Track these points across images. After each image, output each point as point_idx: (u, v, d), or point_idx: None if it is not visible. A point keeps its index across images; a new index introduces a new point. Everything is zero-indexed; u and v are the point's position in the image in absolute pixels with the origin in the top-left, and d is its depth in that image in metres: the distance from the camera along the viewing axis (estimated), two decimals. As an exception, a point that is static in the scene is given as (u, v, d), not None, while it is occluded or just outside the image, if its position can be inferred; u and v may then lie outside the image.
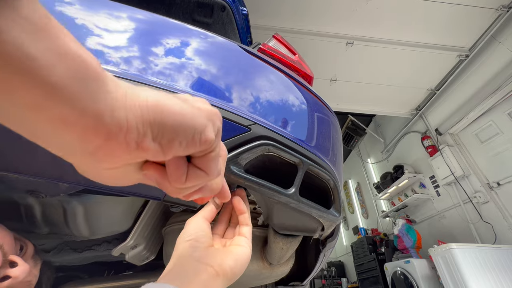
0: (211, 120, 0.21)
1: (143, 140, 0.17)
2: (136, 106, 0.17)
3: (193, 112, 0.20)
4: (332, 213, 0.56)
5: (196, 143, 0.20)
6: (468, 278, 2.25)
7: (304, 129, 0.56)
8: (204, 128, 0.20)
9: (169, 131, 0.18)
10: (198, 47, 0.54)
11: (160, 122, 0.17)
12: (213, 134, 0.21)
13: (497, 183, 2.92)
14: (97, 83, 0.15)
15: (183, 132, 0.19)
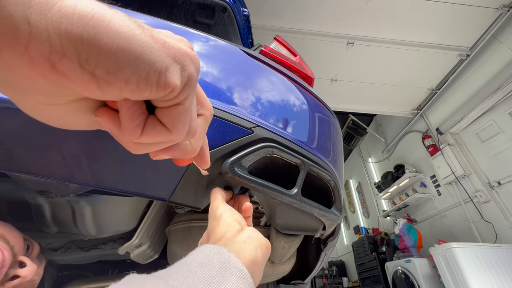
0: (179, 62, 0.16)
1: (60, 60, 0.12)
2: (55, 8, 0.12)
3: (152, 45, 0.15)
4: (333, 212, 0.58)
5: (152, 86, 0.15)
6: (469, 277, 2.26)
7: (305, 131, 0.57)
8: (166, 69, 0.15)
9: (107, 57, 0.13)
10: (200, 51, 0.55)
11: (92, 41, 0.12)
12: (178, 79, 0.16)
13: (498, 183, 2.93)
14: None
15: (130, 64, 0.14)
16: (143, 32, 0.15)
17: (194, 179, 0.47)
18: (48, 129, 0.40)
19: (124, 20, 0.14)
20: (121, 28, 0.14)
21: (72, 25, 0.12)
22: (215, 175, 0.49)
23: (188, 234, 0.77)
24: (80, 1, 0.13)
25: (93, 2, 0.14)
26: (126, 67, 0.14)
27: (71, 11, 0.12)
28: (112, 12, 0.14)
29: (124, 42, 0.14)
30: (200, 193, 0.50)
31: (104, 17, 0.13)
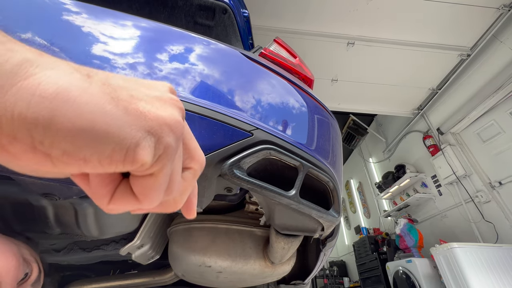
0: (154, 134, 0.15)
1: (11, 142, 0.12)
2: (12, 90, 0.11)
3: (121, 119, 0.14)
4: (332, 213, 0.58)
5: (117, 163, 0.14)
6: (470, 277, 2.26)
7: (304, 133, 0.58)
8: (136, 145, 0.14)
9: (64, 140, 0.12)
10: (200, 54, 0.56)
11: (48, 125, 0.12)
12: (149, 154, 0.14)
13: (499, 183, 2.92)
14: None
15: (91, 146, 0.13)
16: (115, 105, 0.14)
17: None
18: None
19: (94, 96, 0.13)
20: (88, 107, 0.13)
21: (28, 109, 0.11)
22: (215, 176, 0.50)
23: (189, 235, 0.78)
24: (47, 78, 0.12)
25: (64, 74, 0.13)
26: (85, 148, 0.13)
27: (31, 92, 0.12)
28: (82, 86, 0.13)
29: (88, 123, 0.13)
30: (200, 194, 0.51)
31: (69, 95, 0.12)
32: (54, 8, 0.50)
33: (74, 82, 0.13)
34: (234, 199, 0.71)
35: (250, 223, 0.84)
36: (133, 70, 0.47)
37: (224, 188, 0.56)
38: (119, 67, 0.47)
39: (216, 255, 0.76)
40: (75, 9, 0.51)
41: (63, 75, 0.13)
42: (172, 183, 0.18)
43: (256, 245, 0.81)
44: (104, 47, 0.49)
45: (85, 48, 0.47)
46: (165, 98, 0.17)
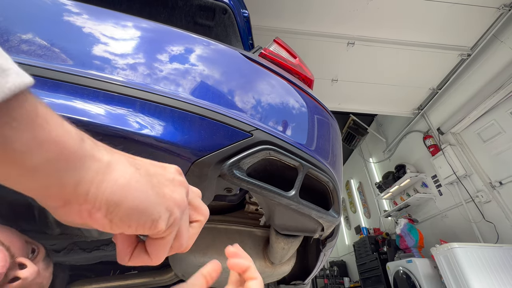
0: (170, 211, 0.22)
1: (95, 212, 0.19)
2: (104, 184, 0.19)
3: (154, 201, 0.21)
4: (331, 214, 0.58)
5: (145, 228, 0.21)
6: (470, 277, 2.26)
7: (304, 133, 0.58)
8: (158, 218, 0.21)
9: (124, 213, 0.19)
10: (200, 55, 0.56)
11: (117, 204, 0.19)
12: (165, 224, 0.22)
13: (499, 182, 2.92)
14: (66, 163, 0.17)
15: (136, 217, 0.20)
16: (152, 189, 0.21)
17: (194, 182, 0.48)
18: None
19: (143, 185, 0.21)
20: (140, 193, 0.20)
21: (110, 194, 0.19)
22: (215, 177, 0.50)
23: (189, 235, 0.78)
24: (119, 173, 0.20)
25: (126, 169, 0.20)
26: (133, 218, 0.20)
27: (113, 183, 0.19)
28: (136, 178, 0.21)
29: (139, 203, 0.20)
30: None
31: (131, 186, 0.20)
32: (55, 9, 0.50)
33: (133, 176, 0.20)
34: (234, 200, 0.71)
35: (250, 223, 0.84)
36: (133, 71, 0.47)
37: (224, 189, 0.56)
38: (120, 68, 0.47)
39: (216, 255, 0.76)
40: (75, 10, 0.51)
41: (126, 170, 0.20)
42: (181, 236, 0.25)
43: (256, 245, 0.81)
44: (105, 47, 0.49)
45: (86, 48, 0.47)
46: (176, 181, 0.24)
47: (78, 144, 0.18)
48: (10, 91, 0.14)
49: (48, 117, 0.17)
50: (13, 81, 0.15)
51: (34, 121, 0.16)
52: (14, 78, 0.15)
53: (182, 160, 0.45)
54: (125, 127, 0.42)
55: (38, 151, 0.16)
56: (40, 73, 0.42)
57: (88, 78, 0.43)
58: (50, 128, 0.17)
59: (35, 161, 0.16)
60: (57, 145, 0.17)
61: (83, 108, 0.42)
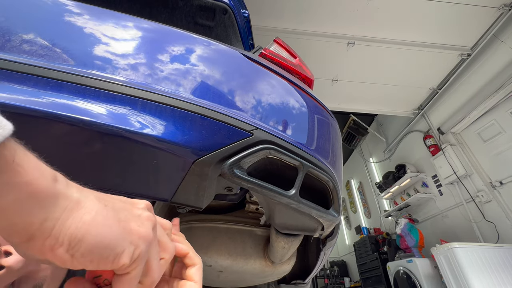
0: (135, 245, 0.22)
1: (58, 248, 0.19)
2: (69, 220, 0.19)
3: (119, 236, 0.21)
4: (331, 213, 0.59)
5: (108, 263, 0.21)
6: (471, 277, 2.26)
7: (304, 133, 0.59)
8: (122, 252, 0.21)
9: (86, 249, 0.20)
10: (201, 55, 0.56)
11: (80, 239, 0.19)
12: (129, 258, 0.22)
13: (500, 182, 2.92)
14: (37, 202, 0.18)
15: (98, 252, 0.20)
16: (117, 224, 0.22)
17: (195, 181, 0.48)
18: (53, 135, 0.42)
19: (109, 219, 0.21)
20: (105, 228, 0.21)
21: (76, 230, 0.19)
22: (215, 176, 0.50)
23: (190, 234, 0.78)
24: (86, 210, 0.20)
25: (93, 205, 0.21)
26: (95, 253, 0.20)
27: (79, 220, 0.20)
28: (103, 214, 0.21)
29: (102, 238, 0.20)
30: (201, 194, 0.51)
31: (97, 222, 0.20)
32: (56, 9, 0.50)
33: (99, 211, 0.21)
34: (235, 199, 0.72)
35: (250, 222, 0.84)
36: (135, 70, 0.48)
37: (225, 188, 0.56)
38: (121, 68, 0.47)
39: (217, 255, 0.76)
40: (77, 10, 0.52)
41: (94, 206, 0.21)
42: (151, 270, 0.25)
43: (256, 245, 0.81)
44: (106, 48, 0.49)
45: (88, 49, 0.48)
46: (143, 216, 0.25)
47: (50, 184, 0.19)
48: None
49: (24, 162, 0.19)
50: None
51: (10, 166, 0.18)
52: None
53: (183, 159, 0.45)
54: (126, 126, 0.42)
55: (8, 193, 0.17)
56: (42, 73, 0.42)
57: (90, 78, 0.44)
58: (24, 172, 0.18)
59: (5, 201, 0.17)
60: (28, 187, 0.18)
61: (85, 107, 0.42)
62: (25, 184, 0.18)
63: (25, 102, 0.40)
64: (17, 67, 0.41)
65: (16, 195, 0.18)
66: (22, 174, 0.18)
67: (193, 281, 0.32)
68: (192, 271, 0.32)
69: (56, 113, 0.40)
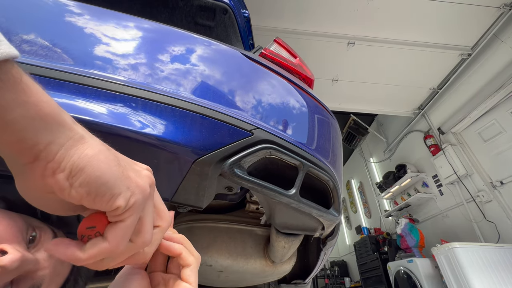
0: (132, 191, 0.22)
1: (59, 173, 0.20)
2: (73, 149, 0.20)
3: (117, 177, 0.22)
4: (332, 213, 0.59)
5: (103, 203, 0.21)
6: (471, 277, 2.26)
7: (304, 132, 0.59)
8: (118, 194, 0.21)
9: (85, 179, 0.20)
10: (201, 55, 0.56)
11: (81, 168, 0.20)
12: (124, 201, 0.22)
13: (500, 182, 2.92)
14: (44, 123, 0.19)
15: (96, 186, 0.20)
16: (118, 167, 0.22)
17: (196, 180, 0.48)
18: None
19: (110, 160, 0.22)
20: (104, 165, 0.21)
21: (79, 160, 0.20)
22: (215, 176, 0.50)
23: (191, 234, 0.78)
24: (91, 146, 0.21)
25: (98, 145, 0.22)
26: (93, 186, 0.20)
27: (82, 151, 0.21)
28: (105, 153, 0.22)
29: (101, 173, 0.21)
30: (201, 193, 0.51)
31: (98, 157, 0.21)
32: (57, 9, 0.50)
33: (102, 150, 0.22)
34: (235, 199, 0.72)
35: (250, 222, 0.84)
36: (135, 70, 0.48)
37: (225, 187, 0.56)
38: (122, 68, 0.47)
39: (217, 254, 0.76)
40: (77, 10, 0.52)
41: (97, 144, 0.22)
42: (144, 228, 0.25)
43: (256, 244, 0.81)
44: (107, 47, 0.49)
45: (88, 49, 0.48)
46: (143, 173, 0.26)
47: (56, 112, 0.20)
48: (1, 56, 0.17)
49: (31, 84, 0.19)
50: (3, 49, 0.17)
51: (18, 85, 0.18)
52: (5, 48, 0.17)
53: (183, 159, 0.45)
54: (127, 126, 0.42)
55: (18, 108, 0.18)
56: (43, 73, 0.42)
57: (91, 78, 0.44)
58: (31, 93, 0.19)
59: (14, 116, 0.18)
60: (36, 107, 0.19)
61: (86, 107, 0.42)
62: (33, 103, 0.19)
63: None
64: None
65: (24, 112, 0.18)
66: (29, 94, 0.19)
67: (188, 282, 0.31)
68: (187, 273, 0.32)
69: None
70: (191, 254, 0.33)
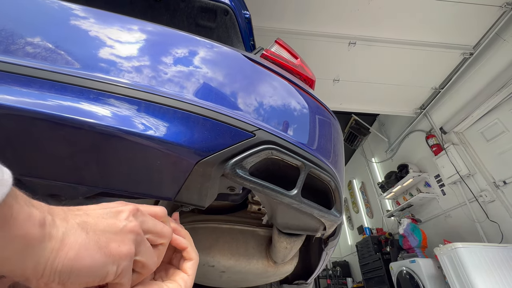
0: (117, 264, 0.26)
1: (50, 283, 0.23)
2: (56, 260, 0.23)
3: (101, 263, 0.25)
4: (333, 213, 0.59)
5: (96, 283, 0.25)
6: (474, 277, 2.24)
7: (305, 133, 0.59)
8: (106, 274, 0.25)
9: (74, 279, 0.23)
10: (204, 57, 0.57)
11: (68, 273, 0.23)
12: (113, 276, 0.26)
13: (503, 182, 2.90)
14: (31, 250, 0.22)
15: (85, 279, 0.24)
16: (99, 252, 0.25)
17: (198, 181, 0.49)
18: (59, 137, 0.43)
19: (91, 250, 0.24)
20: (88, 259, 0.24)
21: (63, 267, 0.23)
22: (218, 176, 0.50)
23: (193, 234, 0.79)
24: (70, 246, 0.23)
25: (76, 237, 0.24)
26: (83, 280, 0.24)
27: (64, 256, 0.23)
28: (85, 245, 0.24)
29: (86, 268, 0.24)
30: (204, 193, 0.52)
31: (80, 255, 0.23)
32: (61, 13, 0.51)
33: (82, 244, 0.24)
34: (237, 199, 0.72)
35: (252, 223, 0.85)
36: (139, 73, 0.48)
37: (227, 187, 0.57)
38: (125, 70, 0.48)
39: (220, 255, 0.77)
40: (82, 14, 0.52)
41: (77, 239, 0.24)
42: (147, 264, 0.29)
43: (258, 245, 0.81)
44: (110, 50, 0.50)
45: (92, 51, 0.48)
46: (126, 229, 0.28)
47: (40, 231, 0.22)
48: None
49: (20, 215, 0.21)
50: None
51: (7, 222, 0.20)
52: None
53: (186, 160, 0.46)
54: (131, 128, 0.43)
55: (8, 245, 0.20)
56: (48, 76, 0.43)
57: (95, 81, 0.45)
58: (19, 225, 0.21)
59: (4, 254, 0.20)
60: (23, 239, 0.21)
61: (90, 110, 0.43)
62: (22, 237, 0.21)
63: (31, 105, 0.41)
64: (24, 71, 0.42)
65: (16, 246, 0.21)
66: (18, 227, 0.21)
67: (187, 273, 0.35)
68: (188, 265, 0.36)
69: (62, 116, 0.41)
70: (194, 250, 0.38)
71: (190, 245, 0.38)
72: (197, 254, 0.38)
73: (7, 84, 0.41)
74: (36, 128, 0.42)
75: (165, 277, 0.36)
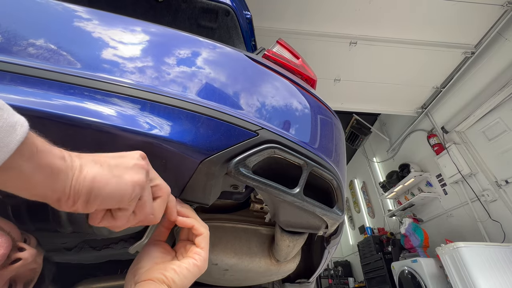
0: (131, 190, 0.31)
1: (77, 200, 0.28)
2: (78, 182, 0.28)
3: (115, 187, 0.30)
4: (335, 211, 0.59)
5: (113, 205, 0.31)
6: (477, 277, 2.24)
7: (308, 132, 0.59)
8: (121, 197, 0.31)
9: (94, 197, 0.29)
10: (207, 58, 0.57)
11: (89, 192, 0.28)
12: (127, 200, 0.31)
13: (506, 181, 2.89)
14: (56, 177, 0.27)
15: (103, 199, 0.29)
16: (113, 178, 0.30)
17: (202, 179, 0.50)
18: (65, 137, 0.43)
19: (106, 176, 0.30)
20: (102, 183, 0.29)
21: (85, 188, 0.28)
22: (222, 174, 0.51)
23: (196, 233, 0.79)
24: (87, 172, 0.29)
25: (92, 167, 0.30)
26: (100, 199, 0.29)
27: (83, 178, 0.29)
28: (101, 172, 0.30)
29: (102, 189, 0.29)
30: (208, 191, 0.53)
31: (96, 179, 0.29)
32: (66, 15, 0.52)
33: (98, 171, 0.30)
34: (240, 198, 0.73)
35: (255, 221, 0.85)
36: (143, 73, 0.49)
37: (231, 185, 0.58)
38: (130, 71, 0.49)
39: (223, 253, 0.77)
40: (86, 15, 0.53)
41: (92, 169, 0.30)
42: (144, 207, 0.34)
43: (261, 243, 0.82)
44: (115, 51, 0.51)
45: (96, 53, 0.49)
46: (136, 166, 0.33)
47: (62, 163, 0.28)
48: (19, 142, 0.23)
49: (41, 148, 0.26)
50: (20, 133, 0.23)
51: (35, 155, 0.25)
52: (19, 129, 0.23)
53: (190, 159, 0.46)
54: (136, 127, 0.43)
55: (39, 172, 0.26)
56: (54, 77, 0.44)
57: (100, 81, 0.45)
58: (43, 156, 0.26)
59: (38, 178, 0.26)
60: (49, 167, 0.26)
61: (95, 109, 0.43)
62: (47, 166, 0.26)
63: (38, 105, 0.41)
64: (30, 72, 0.43)
65: (44, 173, 0.26)
66: (44, 159, 0.26)
67: (200, 247, 0.43)
68: (199, 240, 0.43)
69: (68, 115, 0.42)
70: (201, 225, 0.44)
71: (196, 221, 0.44)
72: (206, 227, 0.44)
73: (16, 84, 0.42)
74: (44, 127, 0.42)
75: (184, 253, 0.42)
